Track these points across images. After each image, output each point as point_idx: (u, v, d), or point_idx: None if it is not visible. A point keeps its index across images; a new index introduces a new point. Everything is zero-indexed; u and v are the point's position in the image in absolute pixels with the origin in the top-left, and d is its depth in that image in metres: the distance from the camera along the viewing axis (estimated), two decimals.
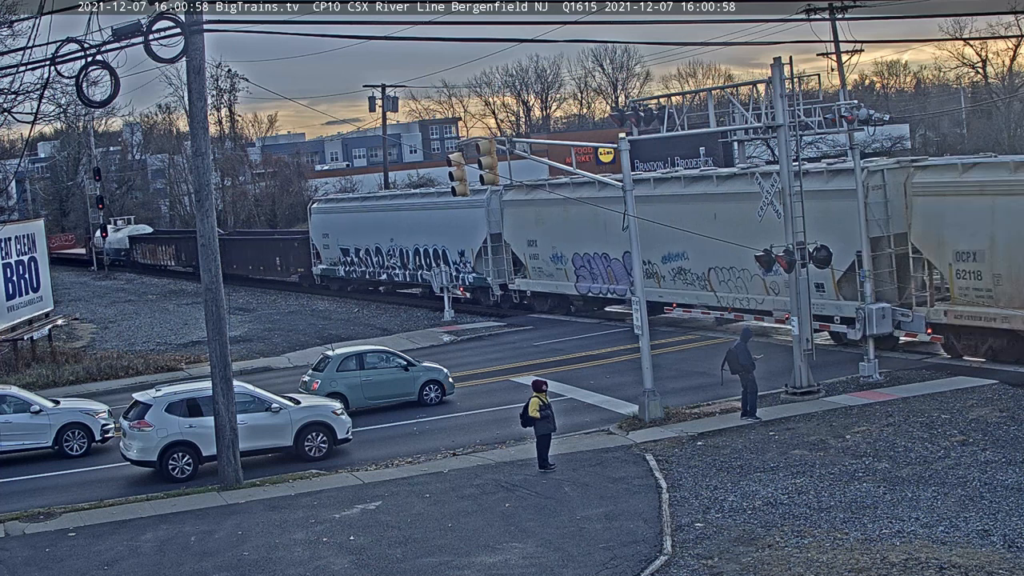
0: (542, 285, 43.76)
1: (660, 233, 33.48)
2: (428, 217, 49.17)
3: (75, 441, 27.12)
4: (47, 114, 52.02)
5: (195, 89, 22.73)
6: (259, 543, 19.17)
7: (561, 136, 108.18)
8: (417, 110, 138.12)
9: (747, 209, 30.64)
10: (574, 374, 32.28)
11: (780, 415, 25.17)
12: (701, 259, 35.63)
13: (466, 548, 18.09)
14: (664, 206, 35.01)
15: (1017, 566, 15.40)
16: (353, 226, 54.78)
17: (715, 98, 30.20)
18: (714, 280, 35.40)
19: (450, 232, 47.65)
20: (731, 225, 32.67)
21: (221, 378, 22.97)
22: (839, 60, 54.91)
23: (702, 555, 16.88)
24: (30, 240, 42.51)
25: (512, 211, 44.37)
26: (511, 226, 44.54)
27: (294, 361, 38.77)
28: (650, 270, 36.92)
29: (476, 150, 26.70)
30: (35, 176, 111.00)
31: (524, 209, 43.66)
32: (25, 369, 38.21)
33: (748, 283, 33.96)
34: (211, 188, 23.63)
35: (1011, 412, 23.58)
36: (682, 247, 35.86)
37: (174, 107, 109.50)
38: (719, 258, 34.30)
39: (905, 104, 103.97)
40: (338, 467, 24.15)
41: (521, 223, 43.95)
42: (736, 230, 31.74)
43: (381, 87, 72.14)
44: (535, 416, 22.28)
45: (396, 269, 52.15)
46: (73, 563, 18.89)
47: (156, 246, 78.07)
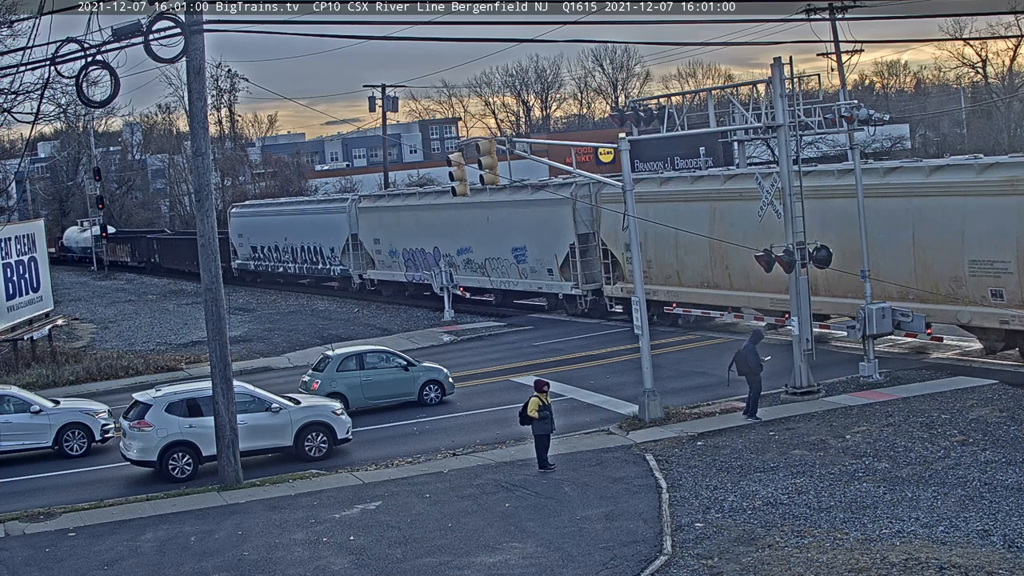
0: (385, 275, 53.55)
1: (457, 232, 46.90)
2: (310, 220, 59.37)
3: (75, 441, 27.12)
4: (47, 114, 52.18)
5: (195, 89, 22.73)
6: (259, 543, 19.17)
7: (561, 136, 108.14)
8: (417, 110, 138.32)
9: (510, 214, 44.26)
10: (574, 374, 32.28)
11: (780, 415, 25.17)
12: (481, 252, 46.38)
13: (466, 548, 18.09)
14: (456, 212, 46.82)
15: (1017, 566, 15.39)
16: (262, 228, 64.81)
17: (715, 98, 30.15)
18: (488, 268, 46.00)
19: (324, 232, 57.81)
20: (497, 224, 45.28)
21: (221, 378, 22.97)
22: (839, 60, 54.90)
23: (702, 555, 16.88)
24: (30, 240, 42.51)
25: (364, 216, 54.63)
26: (363, 228, 54.61)
27: (294, 361, 38.77)
28: (450, 261, 47.49)
29: (476, 150, 26.71)
30: (35, 176, 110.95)
31: (371, 214, 54.10)
32: (25, 369, 38.23)
33: (508, 269, 45.03)
34: (211, 188, 23.66)
35: (1011, 412, 23.57)
36: (469, 243, 46.69)
37: (174, 107, 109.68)
38: (492, 251, 45.61)
39: (905, 104, 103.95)
40: (338, 467, 24.15)
41: (370, 225, 54.15)
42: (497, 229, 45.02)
43: (381, 87, 72.15)
44: (533, 416, 22.28)
45: (289, 263, 62.43)
46: (73, 563, 18.89)
47: (116, 245, 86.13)
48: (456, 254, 47.40)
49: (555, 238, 42.08)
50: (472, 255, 46.85)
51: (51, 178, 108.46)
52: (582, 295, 41.75)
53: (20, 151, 76.98)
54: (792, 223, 26.41)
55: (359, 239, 54.89)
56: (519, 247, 44.06)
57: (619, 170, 27.34)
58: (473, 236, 46.28)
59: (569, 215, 40.90)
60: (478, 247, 46.32)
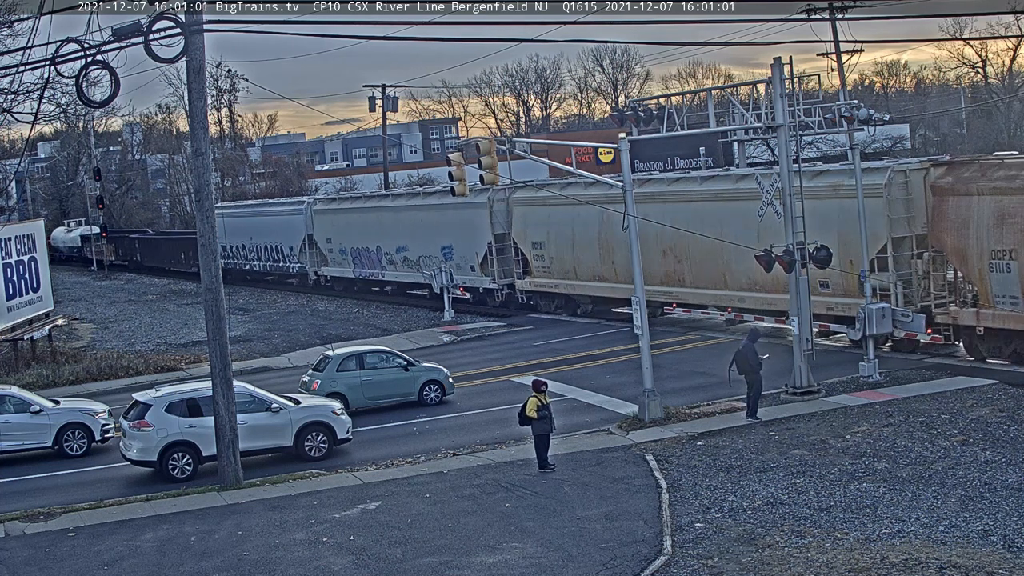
0: (336, 271, 58.22)
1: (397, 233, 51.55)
2: (272, 222, 64.01)
3: (75, 441, 27.12)
4: (47, 114, 52.09)
5: (195, 89, 22.73)
6: (259, 543, 19.17)
7: (561, 136, 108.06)
8: (417, 110, 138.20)
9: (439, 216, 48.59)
10: (574, 374, 32.28)
11: (780, 415, 25.17)
12: (416, 250, 50.60)
13: (466, 548, 18.09)
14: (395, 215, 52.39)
15: (1017, 566, 15.40)
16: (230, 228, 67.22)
17: (715, 98, 30.15)
18: (422, 264, 49.72)
19: (284, 233, 62.47)
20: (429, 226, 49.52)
21: (221, 378, 22.97)
22: (839, 60, 54.87)
23: (702, 555, 16.89)
24: (30, 240, 42.50)
25: (318, 218, 59.16)
26: (318, 229, 59.06)
27: (294, 361, 38.77)
28: (391, 258, 52.59)
29: (476, 150, 26.70)
30: (35, 176, 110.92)
31: (325, 216, 58.78)
32: (25, 369, 38.22)
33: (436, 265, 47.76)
34: (211, 188, 23.64)
35: (1011, 412, 23.58)
36: (406, 241, 51.23)
37: (174, 107, 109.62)
38: (425, 250, 49.75)
39: (905, 104, 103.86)
40: (338, 467, 24.15)
41: (323, 226, 58.60)
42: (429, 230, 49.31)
43: (381, 87, 72.11)
44: (532, 416, 22.28)
45: (255, 261, 67.22)
46: (73, 563, 18.89)
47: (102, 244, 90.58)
48: (395, 252, 52.45)
49: (476, 238, 46.64)
50: (408, 253, 51.45)
51: (51, 178, 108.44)
52: (499, 289, 46.22)
53: (20, 151, 77.00)
54: (792, 223, 26.42)
55: (314, 239, 59.57)
56: (447, 246, 48.38)
57: (619, 170, 27.37)
58: (410, 236, 50.98)
59: (487, 217, 45.47)
60: (413, 246, 50.85)
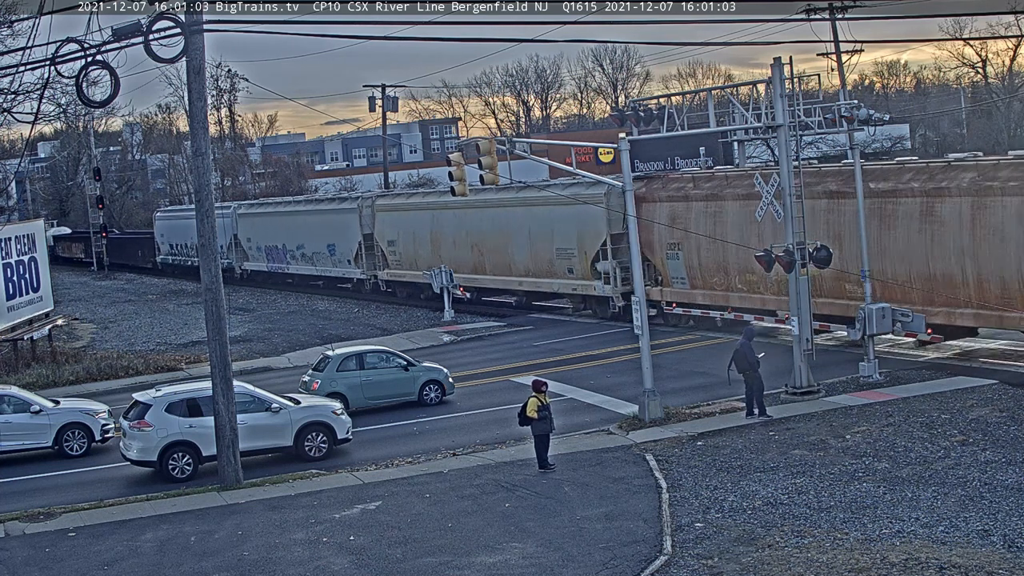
0: (255, 266, 67.18)
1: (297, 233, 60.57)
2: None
3: (75, 441, 27.12)
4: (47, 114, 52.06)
5: (195, 89, 22.73)
6: (259, 543, 19.17)
7: (561, 136, 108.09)
8: (417, 110, 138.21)
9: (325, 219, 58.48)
10: (574, 374, 32.28)
11: (780, 415, 25.16)
12: (310, 247, 60.07)
13: (466, 548, 18.09)
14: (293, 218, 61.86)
15: (1017, 566, 15.40)
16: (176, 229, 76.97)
17: (715, 98, 30.10)
18: (315, 259, 59.96)
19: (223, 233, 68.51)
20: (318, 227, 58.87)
21: (221, 378, 22.97)
22: (839, 60, 54.82)
23: (702, 555, 16.88)
24: (30, 240, 42.50)
25: (241, 220, 67.64)
26: (241, 230, 67.59)
27: (294, 361, 38.77)
28: (293, 254, 62.12)
29: (476, 150, 26.71)
30: (35, 176, 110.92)
31: (246, 219, 67.48)
32: (25, 369, 38.21)
33: (326, 260, 58.83)
34: (211, 188, 23.64)
35: (1011, 412, 23.58)
36: (303, 240, 60.43)
37: (174, 107, 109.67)
38: (316, 247, 59.42)
39: (905, 104, 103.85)
40: (338, 467, 24.15)
41: (244, 228, 67.39)
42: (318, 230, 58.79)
43: (381, 87, 72.10)
44: (532, 416, 22.28)
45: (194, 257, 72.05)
46: (73, 563, 18.89)
47: (71, 243, 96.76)
48: (296, 249, 61.79)
49: (350, 238, 56.07)
50: (305, 250, 60.92)
51: (51, 178, 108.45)
52: (367, 279, 55.41)
53: (20, 151, 77.00)
54: (792, 223, 26.42)
55: (239, 238, 68.02)
56: (331, 244, 57.98)
57: (619, 170, 27.36)
58: (306, 236, 60.26)
59: (357, 221, 55.00)
60: (308, 243, 60.33)
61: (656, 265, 38.07)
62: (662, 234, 36.88)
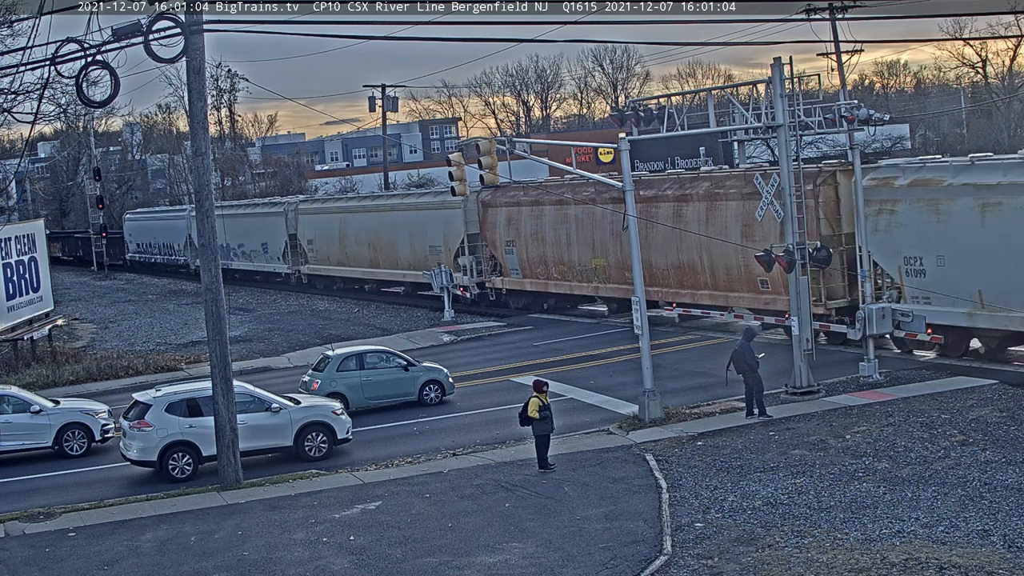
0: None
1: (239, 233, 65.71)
2: (168, 225, 79.27)
3: (75, 441, 27.12)
4: (47, 114, 52.16)
5: (195, 89, 22.73)
6: (259, 543, 19.17)
7: (561, 136, 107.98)
8: (417, 110, 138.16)
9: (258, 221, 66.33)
10: (574, 374, 32.28)
11: (780, 415, 25.16)
12: (249, 246, 67.02)
13: (466, 548, 18.09)
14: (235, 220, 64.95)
15: (1017, 566, 15.40)
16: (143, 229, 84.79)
17: (715, 98, 30.09)
18: (252, 256, 67.08)
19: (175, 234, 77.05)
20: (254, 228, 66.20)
21: (221, 378, 22.97)
22: (839, 60, 54.84)
23: (702, 555, 16.88)
24: (30, 240, 42.52)
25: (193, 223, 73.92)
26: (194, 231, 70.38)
27: (294, 361, 38.78)
28: (235, 252, 68.04)
29: (476, 150, 26.72)
30: (35, 176, 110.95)
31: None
32: (25, 369, 38.22)
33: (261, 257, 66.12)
34: (211, 188, 23.65)
35: (1011, 412, 23.58)
36: (243, 240, 66.85)
37: (174, 107, 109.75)
38: (253, 245, 66.56)
39: (905, 104, 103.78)
40: (338, 467, 24.15)
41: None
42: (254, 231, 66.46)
43: (381, 87, 72.15)
44: (534, 416, 22.28)
45: (157, 255, 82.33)
46: (73, 563, 18.89)
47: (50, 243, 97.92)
48: (238, 247, 67.95)
49: (278, 238, 63.50)
50: (245, 248, 67.88)
51: (51, 178, 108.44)
52: (293, 273, 62.99)
53: (20, 151, 77.02)
54: (792, 223, 26.43)
55: (191, 238, 71.14)
56: (264, 243, 65.39)
57: (619, 169, 27.35)
58: (244, 236, 66.73)
59: (283, 223, 62.48)
60: (247, 242, 67.26)
61: (498, 259, 46.57)
62: (501, 234, 45.75)
